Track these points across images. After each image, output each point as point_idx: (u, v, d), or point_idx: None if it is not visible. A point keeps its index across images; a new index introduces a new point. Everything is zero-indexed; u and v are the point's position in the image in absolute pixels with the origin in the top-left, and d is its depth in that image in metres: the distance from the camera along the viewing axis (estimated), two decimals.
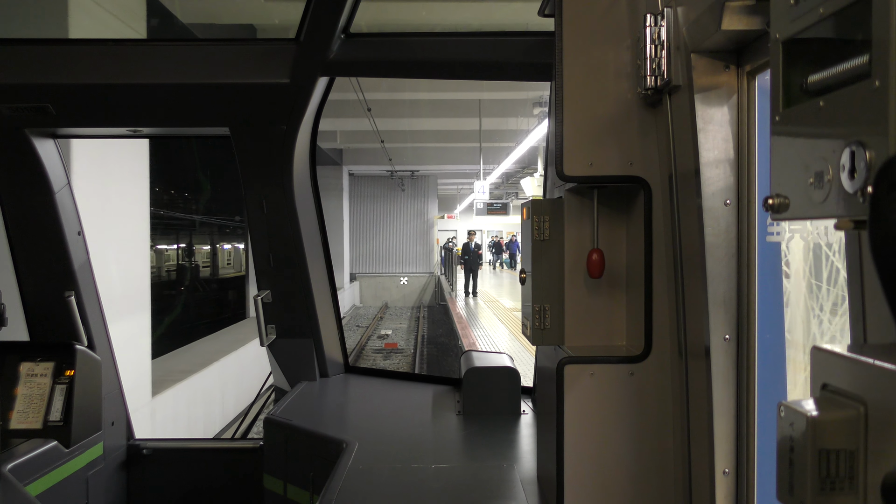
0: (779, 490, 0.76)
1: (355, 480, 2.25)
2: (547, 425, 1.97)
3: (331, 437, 2.67)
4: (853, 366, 0.71)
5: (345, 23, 2.79)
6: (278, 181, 3.15)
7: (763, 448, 1.38)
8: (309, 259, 3.34)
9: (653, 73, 1.52)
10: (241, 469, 3.43)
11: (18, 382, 2.97)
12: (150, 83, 2.86)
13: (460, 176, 31.43)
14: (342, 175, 25.81)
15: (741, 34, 1.25)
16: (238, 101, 2.92)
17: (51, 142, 3.11)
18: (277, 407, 3.12)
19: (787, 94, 0.84)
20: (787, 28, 0.83)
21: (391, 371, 3.87)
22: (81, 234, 3.25)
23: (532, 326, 1.89)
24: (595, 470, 1.73)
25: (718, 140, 1.38)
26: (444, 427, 2.89)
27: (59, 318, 3.15)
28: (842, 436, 0.70)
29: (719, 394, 1.40)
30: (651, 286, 1.69)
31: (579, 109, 1.70)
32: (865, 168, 0.68)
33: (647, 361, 1.71)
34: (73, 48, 2.94)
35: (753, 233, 1.37)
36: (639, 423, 1.72)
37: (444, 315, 22.22)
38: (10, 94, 2.81)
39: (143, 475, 3.46)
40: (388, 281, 30.52)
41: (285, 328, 3.48)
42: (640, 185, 1.70)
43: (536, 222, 1.88)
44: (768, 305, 1.39)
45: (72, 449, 2.90)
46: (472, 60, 2.94)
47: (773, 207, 0.85)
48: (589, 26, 1.71)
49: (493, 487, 2.23)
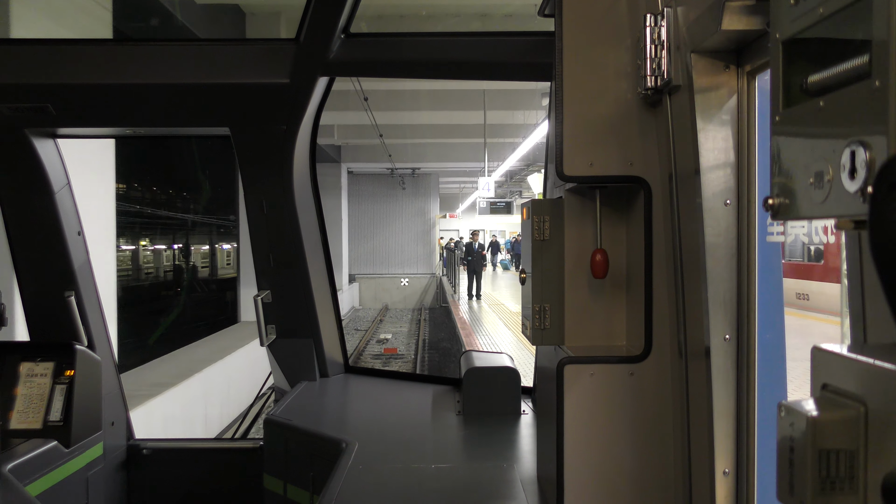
0: (779, 490, 0.76)
1: (355, 480, 2.25)
2: (547, 425, 1.97)
3: (331, 437, 2.67)
4: (853, 366, 0.71)
5: (345, 23, 2.79)
6: (278, 181, 3.15)
7: (763, 448, 1.38)
8: (309, 259, 3.34)
9: (653, 73, 1.52)
10: (242, 469, 3.43)
11: (18, 382, 2.97)
12: (150, 83, 2.86)
13: (462, 174, 30.67)
14: (340, 173, 25.40)
15: (741, 34, 1.25)
16: (238, 101, 2.92)
17: (51, 142, 3.11)
18: (277, 407, 3.12)
19: (787, 94, 0.84)
20: (787, 28, 0.83)
21: (391, 371, 3.87)
22: (81, 234, 3.25)
23: (532, 326, 1.89)
24: (595, 470, 1.73)
25: (718, 140, 1.38)
26: (444, 427, 2.89)
27: (59, 318, 3.14)
28: (842, 436, 0.70)
29: (719, 394, 1.40)
30: (651, 286, 1.69)
31: (579, 109, 1.70)
32: (865, 168, 0.68)
33: (647, 361, 1.71)
34: (73, 48, 2.94)
35: (753, 233, 1.37)
36: (639, 423, 1.72)
37: (446, 317, 21.68)
38: (10, 94, 2.81)
39: (143, 475, 3.46)
40: (389, 282, 29.87)
41: (285, 328, 3.48)
42: (640, 185, 1.70)
43: (536, 222, 1.88)
44: (768, 305, 1.39)
45: (72, 449, 2.90)
46: (472, 60, 2.94)
47: (773, 207, 0.85)
48: (589, 26, 1.71)
49: (493, 487, 2.23)
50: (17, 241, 3.15)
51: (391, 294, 29.70)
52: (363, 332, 20.98)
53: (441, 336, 19.55)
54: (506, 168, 22.84)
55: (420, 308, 28.22)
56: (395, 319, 25.35)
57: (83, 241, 3.26)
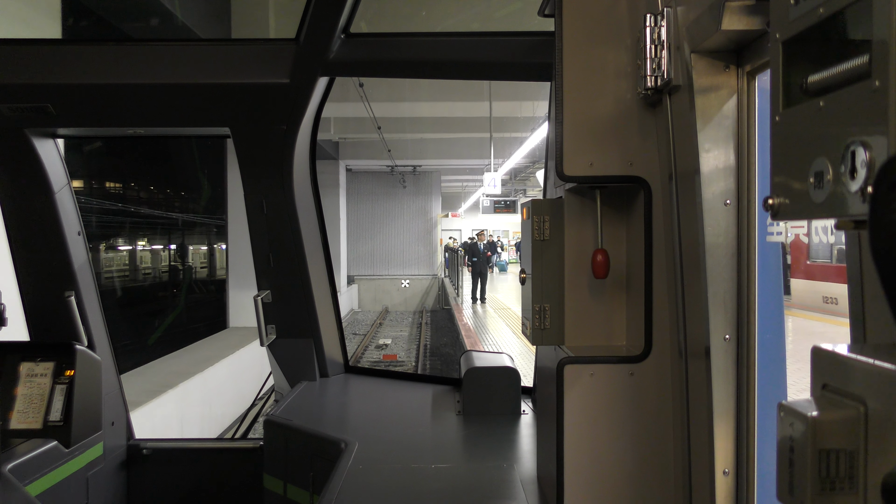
0: (779, 490, 0.76)
1: (355, 480, 2.25)
2: (547, 425, 1.97)
3: (331, 438, 2.67)
4: (853, 366, 0.71)
5: (344, 23, 2.79)
6: (278, 181, 3.16)
7: (763, 448, 1.38)
8: (309, 259, 3.35)
9: (653, 73, 1.52)
10: (241, 469, 3.43)
11: (18, 382, 2.97)
12: (150, 83, 2.86)
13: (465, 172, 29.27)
14: (339, 170, 24.60)
15: (741, 34, 1.25)
16: (238, 101, 2.92)
17: (51, 142, 3.11)
18: (277, 407, 3.12)
19: (787, 95, 0.84)
20: (787, 28, 0.83)
21: (391, 371, 3.87)
22: (81, 234, 3.25)
23: (532, 326, 1.89)
24: (595, 470, 1.73)
25: (718, 140, 1.38)
26: (444, 427, 2.89)
27: (59, 318, 3.15)
28: (842, 436, 0.70)
29: (719, 394, 1.40)
30: (651, 286, 1.69)
31: (579, 109, 1.70)
32: (865, 168, 0.68)
33: (646, 361, 1.71)
34: (73, 48, 2.94)
35: (753, 233, 1.37)
36: (639, 423, 1.72)
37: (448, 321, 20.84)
38: (10, 94, 2.81)
39: (143, 475, 3.46)
40: (389, 284, 28.92)
41: (285, 328, 3.48)
42: (640, 185, 1.70)
43: (536, 222, 1.88)
44: (768, 305, 1.39)
45: (72, 449, 2.90)
46: (472, 60, 2.94)
47: (773, 207, 0.85)
48: (589, 26, 1.71)
49: (493, 487, 2.22)
50: (17, 241, 3.15)
51: (391, 296, 28.84)
52: (361, 337, 20.24)
53: (444, 341, 18.96)
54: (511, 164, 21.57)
55: (421, 310, 27.56)
56: (396, 323, 24.61)
57: (83, 241, 3.26)
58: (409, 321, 24.91)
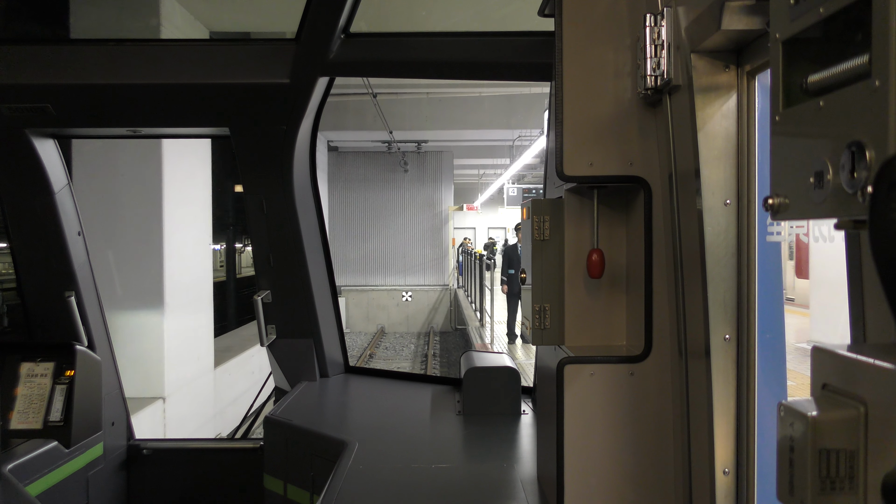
0: (779, 490, 0.76)
1: (355, 480, 2.25)
2: (547, 425, 1.97)
3: (331, 437, 2.67)
4: (853, 366, 0.71)
5: (344, 23, 2.80)
6: (278, 181, 3.16)
7: (763, 448, 1.38)
8: (309, 259, 3.35)
9: (653, 72, 1.52)
10: (242, 469, 3.43)
11: (18, 382, 2.97)
12: (150, 83, 2.86)
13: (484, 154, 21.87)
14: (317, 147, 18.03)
15: (741, 34, 1.25)
16: (238, 101, 2.92)
17: (51, 142, 3.11)
18: (278, 407, 3.12)
19: (787, 94, 0.84)
20: (787, 28, 0.83)
21: (391, 371, 3.87)
22: (81, 234, 3.25)
23: (532, 326, 1.89)
24: (595, 470, 1.73)
25: (718, 140, 1.38)
26: (444, 427, 2.89)
27: (59, 318, 3.15)
28: (842, 436, 0.70)
29: (719, 394, 1.40)
30: (651, 286, 1.69)
31: (579, 109, 1.70)
32: (865, 168, 0.68)
33: (647, 361, 1.71)
34: (73, 48, 2.95)
35: (753, 233, 1.37)
36: (639, 423, 1.72)
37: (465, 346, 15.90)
38: (10, 94, 2.81)
39: (143, 475, 3.46)
40: (386, 297, 22.64)
41: (286, 328, 3.48)
42: (640, 185, 1.70)
43: (536, 222, 1.88)
44: (768, 305, 1.39)
45: (72, 449, 2.90)
46: (472, 60, 2.94)
47: (773, 207, 0.85)
48: (589, 26, 1.71)
49: (493, 487, 2.22)
50: (17, 241, 3.15)
51: (388, 313, 22.65)
52: None
53: None
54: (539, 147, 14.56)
55: (428, 332, 21.83)
56: (394, 349, 19.26)
57: (83, 241, 3.26)
58: (413, 349, 19.43)
